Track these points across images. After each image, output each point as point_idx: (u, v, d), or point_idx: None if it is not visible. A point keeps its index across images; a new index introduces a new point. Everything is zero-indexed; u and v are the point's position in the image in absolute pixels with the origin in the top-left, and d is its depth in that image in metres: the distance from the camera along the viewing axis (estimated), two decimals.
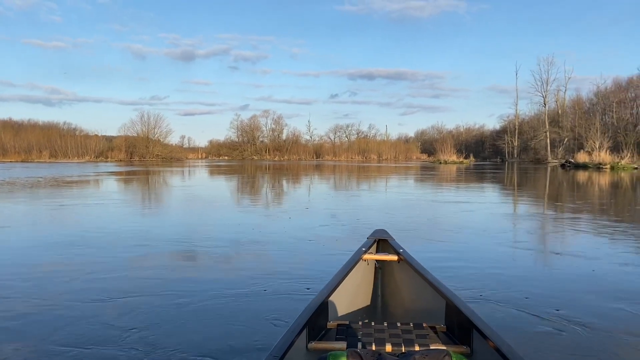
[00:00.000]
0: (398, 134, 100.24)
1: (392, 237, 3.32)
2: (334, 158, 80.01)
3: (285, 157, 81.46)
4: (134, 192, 15.57)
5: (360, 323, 2.32)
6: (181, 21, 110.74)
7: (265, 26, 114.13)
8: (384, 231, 3.47)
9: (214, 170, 33.14)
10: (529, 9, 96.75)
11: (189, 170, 33.56)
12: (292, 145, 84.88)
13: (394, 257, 3.04)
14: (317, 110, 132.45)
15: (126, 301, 3.68)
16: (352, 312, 2.86)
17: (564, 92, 63.93)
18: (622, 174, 26.24)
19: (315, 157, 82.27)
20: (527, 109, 74.07)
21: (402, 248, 3.07)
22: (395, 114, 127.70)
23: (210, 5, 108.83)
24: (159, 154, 70.56)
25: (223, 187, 18.18)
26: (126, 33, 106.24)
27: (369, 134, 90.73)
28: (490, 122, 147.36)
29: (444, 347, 1.95)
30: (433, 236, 6.72)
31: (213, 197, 13.25)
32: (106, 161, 61.99)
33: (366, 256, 3.07)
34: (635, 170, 30.31)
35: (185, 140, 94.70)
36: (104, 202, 11.53)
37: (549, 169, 37.28)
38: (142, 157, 68.25)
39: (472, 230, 7.29)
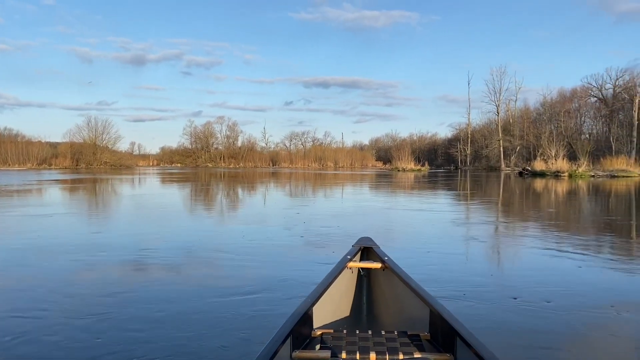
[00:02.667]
0: (353, 142, 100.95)
1: (377, 245, 3.28)
2: (290, 165, 79.37)
3: (241, 164, 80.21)
4: (78, 202, 14.38)
5: (344, 331, 2.31)
6: (131, 25, 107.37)
7: (220, 32, 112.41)
8: (369, 239, 3.42)
9: (166, 178, 31.91)
10: (478, 21, 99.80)
11: (140, 178, 32.14)
12: (248, 153, 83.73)
13: (379, 265, 3.02)
14: (272, 117, 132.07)
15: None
16: (336, 320, 2.83)
17: (515, 102, 66.05)
18: (580, 182, 26.86)
19: (271, 164, 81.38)
20: (478, 118, 76.03)
21: (387, 256, 3.03)
22: (349, 121, 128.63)
23: (162, 9, 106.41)
24: (107, 161, 67.83)
25: (175, 195, 17.19)
26: (72, 36, 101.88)
27: (324, 142, 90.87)
28: (441, 130, 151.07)
29: (428, 356, 2.00)
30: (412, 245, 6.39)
31: (164, 206, 12.32)
32: (50, 168, 58.71)
33: (351, 264, 3.04)
34: (592, 178, 31.17)
35: (136, 147, 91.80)
36: (45, 212, 10.41)
37: (503, 175, 38.18)
38: (89, 164, 65.33)
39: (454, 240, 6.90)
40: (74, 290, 4.17)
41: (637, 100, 52.26)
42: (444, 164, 77.70)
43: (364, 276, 3.23)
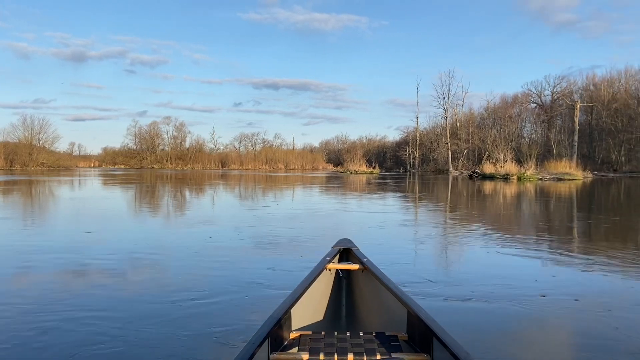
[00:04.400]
0: (303, 144, 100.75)
1: (357, 247, 3.27)
2: (240, 167, 78.04)
3: (189, 166, 78.14)
4: (11, 205, 13.05)
5: (323, 333, 2.31)
6: (71, 20, 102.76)
7: (166, 30, 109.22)
8: (348, 240, 3.42)
9: (108, 180, 30.29)
10: (425, 27, 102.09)
11: (80, 180, 30.31)
12: (196, 154, 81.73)
13: (358, 267, 3.02)
14: (221, 118, 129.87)
15: None
16: (315, 322, 2.81)
17: (462, 107, 67.75)
18: (529, 184, 27.47)
19: (220, 166, 79.69)
20: (425, 122, 77.61)
21: (365, 257, 3.03)
22: (299, 123, 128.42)
23: (104, 5, 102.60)
24: (45, 162, 64.34)
25: (118, 199, 16.06)
26: (7, 30, 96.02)
27: (275, 144, 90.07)
28: (389, 133, 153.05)
29: (405, 356, 2.03)
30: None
31: (104, 210, 11.32)
32: None
33: (330, 265, 3.03)
34: (540, 181, 32.04)
35: (75, 148, 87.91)
36: None
37: (452, 178, 38.88)
38: (24, 165, 61.61)
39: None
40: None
41: (578, 107, 54.77)
42: (393, 166, 78.73)
43: (343, 278, 3.20)
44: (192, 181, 30.16)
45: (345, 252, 3.29)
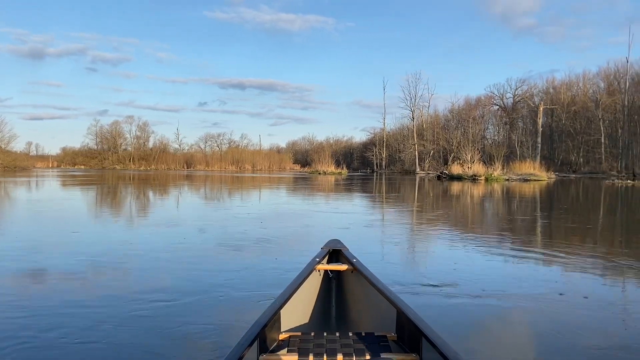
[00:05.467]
0: (270, 145, 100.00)
1: (346, 247, 3.27)
2: (206, 168, 76.73)
3: (153, 166, 76.30)
4: None
5: (312, 334, 2.30)
6: (29, 16, 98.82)
7: (129, 27, 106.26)
8: (337, 241, 3.42)
9: (68, 181, 29.11)
10: (390, 30, 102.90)
11: (37, 181, 28.96)
12: (160, 154, 79.90)
13: (348, 267, 3.02)
14: (185, 118, 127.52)
15: None
16: (305, 323, 2.81)
17: (427, 108, 68.55)
18: (496, 185, 27.83)
19: (185, 167, 78.16)
20: (391, 123, 78.14)
21: (355, 258, 3.04)
22: (265, 124, 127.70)
23: (64, 1, 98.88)
24: (0, 162, 61.46)
25: (76, 199, 15.28)
26: None
27: (241, 144, 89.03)
28: (356, 134, 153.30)
29: (394, 356, 2.05)
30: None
31: (63, 212, 10.65)
32: None
33: (319, 266, 3.03)
34: (507, 181, 32.53)
35: (33, 147, 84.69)
36: None
37: (419, 179, 39.15)
38: None
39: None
40: None
41: (541, 109, 56.18)
42: (360, 167, 78.99)
43: (333, 278, 3.19)
44: (156, 182, 29.30)
45: (335, 253, 3.27)
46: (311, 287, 2.95)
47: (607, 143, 54.17)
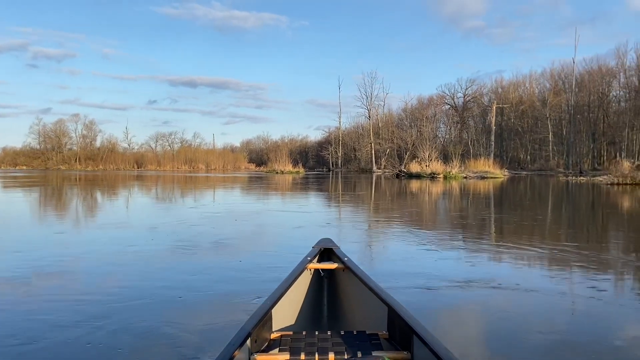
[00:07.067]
0: (223, 144, 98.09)
1: (337, 246, 3.26)
2: (158, 168, 74.32)
3: (100, 166, 73.19)
4: None
5: (304, 333, 2.30)
6: None
7: (74, 22, 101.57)
8: (329, 240, 3.41)
9: (8, 183, 27.29)
10: (344, 29, 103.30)
11: None
12: (108, 154, 76.77)
13: (339, 266, 3.01)
14: (134, 116, 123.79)
15: None
16: (296, 322, 2.75)
17: (383, 107, 69.05)
18: (454, 183, 28.06)
19: (136, 167, 75.40)
20: (346, 122, 78.14)
21: (346, 257, 3.02)
22: (218, 123, 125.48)
23: None
24: None
25: (16, 202, 14.01)
26: None
27: (193, 143, 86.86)
28: (310, 133, 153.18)
29: (385, 354, 2.03)
30: None
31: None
32: None
33: (311, 265, 3.00)
34: (465, 179, 32.90)
35: None
36: None
37: (376, 177, 39.18)
38: None
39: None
40: None
41: (494, 108, 57.58)
42: (316, 165, 78.76)
43: (325, 277, 3.16)
44: (104, 183, 27.82)
45: (327, 252, 3.23)
46: (303, 286, 2.93)
47: (554, 141, 56.23)
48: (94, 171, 62.58)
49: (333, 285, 3.18)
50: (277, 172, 51.93)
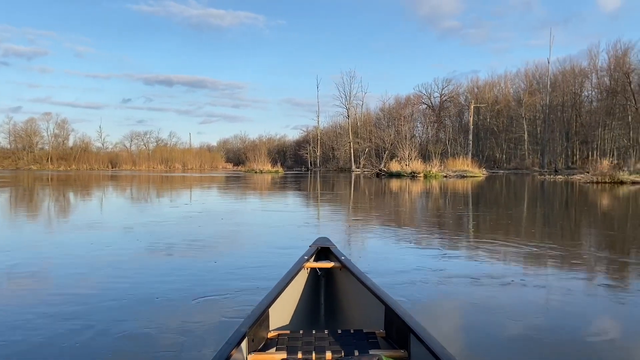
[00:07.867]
0: (200, 143, 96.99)
1: (334, 245, 3.26)
2: (133, 168, 72.95)
3: (73, 166, 71.50)
4: None
5: (301, 332, 2.30)
6: None
7: (45, 19, 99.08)
8: (326, 239, 3.42)
9: None
10: (322, 29, 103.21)
11: None
12: (82, 154, 75.04)
13: (336, 265, 3.02)
14: (108, 115, 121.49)
15: None
16: (293, 321, 2.75)
17: (361, 106, 69.09)
18: (435, 182, 28.09)
19: (110, 166, 73.87)
20: (324, 121, 78.11)
21: (343, 255, 3.03)
22: (195, 122, 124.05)
23: None
24: None
25: None
26: None
27: (169, 142, 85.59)
28: (288, 132, 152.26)
29: (382, 353, 2.02)
30: None
31: None
32: None
33: (308, 264, 3.01)
34: (445, 178, 33.00)
35: None
36: None
37: (355, 176, 39.13)
38: None
39: None
40: None
41: (472, 107, 58.13)
42: (294, 165, 78.50)
43: (322, 276, 3.16)
44: (78, 183, 27.05)
45: (324, 251, 3.24)
46: (300, 285, 2.93)
47: (529, 140, 57.10)
48: (66, 171, 61.07)
49: (330, 284, 3.17)
50: (255, 172, 51.40)
